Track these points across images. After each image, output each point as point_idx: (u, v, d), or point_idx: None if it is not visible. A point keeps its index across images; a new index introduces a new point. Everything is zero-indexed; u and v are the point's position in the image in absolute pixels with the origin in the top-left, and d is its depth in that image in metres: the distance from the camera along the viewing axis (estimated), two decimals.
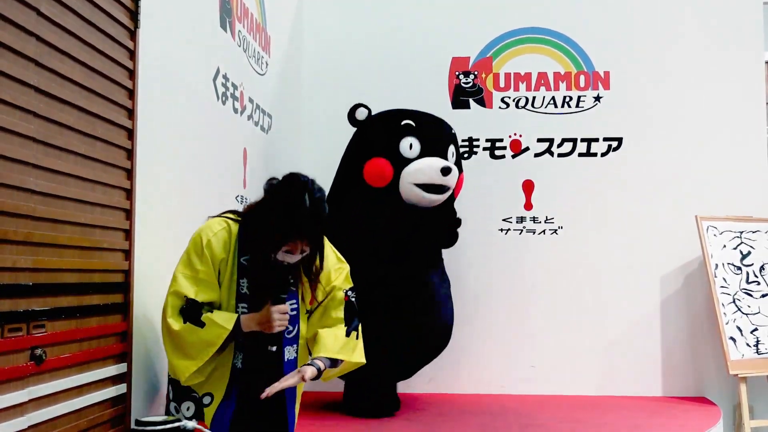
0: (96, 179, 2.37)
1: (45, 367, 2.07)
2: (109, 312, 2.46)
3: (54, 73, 2.13)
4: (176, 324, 2.40)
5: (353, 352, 2.65)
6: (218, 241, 2.46)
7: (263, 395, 2.37)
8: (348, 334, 2.64)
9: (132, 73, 2.60)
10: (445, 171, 3.82)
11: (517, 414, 4.15)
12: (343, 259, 2.74)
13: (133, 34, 2.62)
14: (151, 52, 2.71)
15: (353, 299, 2.70)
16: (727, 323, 4.48)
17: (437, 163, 3.85)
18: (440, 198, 3.91)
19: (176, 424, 2.33)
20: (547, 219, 4.92)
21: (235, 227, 2.50)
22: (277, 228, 2.38)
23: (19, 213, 1.96)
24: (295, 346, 2.59)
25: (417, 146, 3.90)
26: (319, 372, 2.50)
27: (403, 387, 4.65)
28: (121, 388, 2.52)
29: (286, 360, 2.54)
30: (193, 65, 3.18)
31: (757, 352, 4.48)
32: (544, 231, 4.93)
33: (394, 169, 3.88)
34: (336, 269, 2.67)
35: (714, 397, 4.72)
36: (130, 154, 2.60)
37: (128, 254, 2.58)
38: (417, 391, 4.42)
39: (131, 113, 2.60)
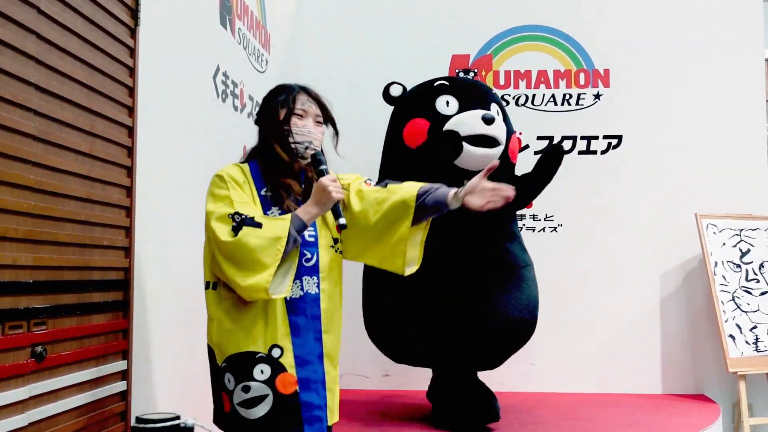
0: (96, 177, 2.37)
1: (45, 365, 2.08)
2: (109, 309, 2.46)
3: (54, 70, 2.13)
4: (232, 237, 2.21)
5: None
6: (236, 172, 2.38)
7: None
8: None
9: (132, 71, 2.61)
10: (488, 119, 3.49)
11: (517, 411, 4.15)
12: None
13: (133, 32, 2.62)
14: (151, 49, 2.71)
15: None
16: (726, 321, 4.49)
17: (477, 111, 3.54)
18: (490, 153, 3.51)
19: (177, 422, 2.34)
20: (546, 216, 4.93)
21: (245, 167, 2.43)
22: (279, 96, 2.48)
23: (19, 210, 1.96)
24: (315, 278, 2.37)
25: (454, 103, 3.62)
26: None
27: (403, 384, 4.67)
28: (122, 386, 2.53)
29: (305, 293, 2.36)
30: (193, 63, 3.18)
31: (756, 349, 4.49)
32: (543, 228, 4.93)
33: (431, 126, 3.61)
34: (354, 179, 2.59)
35: (713, 394, 4.72)
36: (131, 151, 2.60)
37: (128, 251, 2.58)
38: (416, 389, 4.42)
39: (131, 111, 2.60)
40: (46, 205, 2.09)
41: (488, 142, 3.51)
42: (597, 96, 4.97)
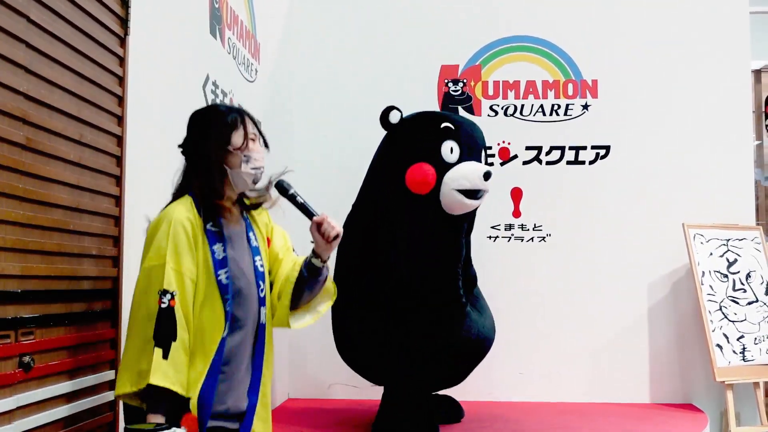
0: (85, 186, 2.37)
1: (33, 375, 2.07)
2: (98, 319, 2.45)
3: (44, 79, 2.13)
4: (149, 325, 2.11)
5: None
6: (187, 223, 2.23)
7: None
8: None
9: (122, 80, 2.61)
10: (487, 176, 3.57)
11: (505, 421, 4.15)
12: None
13: (123, 41, 2.62)
14: (140, 58, 2.71)
15: None
16: (713, 330, 4.50)
17: (480, 168, 3.60)
18: (478, 204, 3.66)
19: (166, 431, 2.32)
20: (535, 226, 4.94)
21: (189, 202, 2.29)
22: (225, 118, 2.32)
23: (7, 219, 1.96)
24: (263, 308, 2.39)
25: (457, 150, 3.63)
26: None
27: None
28: (110, 396, 2.51)
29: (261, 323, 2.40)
30: (183, 72, 3.18)
31: (743, 359, 4.51)
32: (532, 238, 4.94)
33: (437, 175, 3.59)
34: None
35: (701, 403, 4.74)
36: (120, 160, 2.60)
37: (117, 261, 2.57)
38: None
39: (121, 120, 2.60)
40: (34, 214, 2.08)
41: (480, 195, 3.61)
42: (585, 106, 4.99)
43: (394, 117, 3.77)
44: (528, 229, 4.94)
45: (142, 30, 2.72)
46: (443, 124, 3.69)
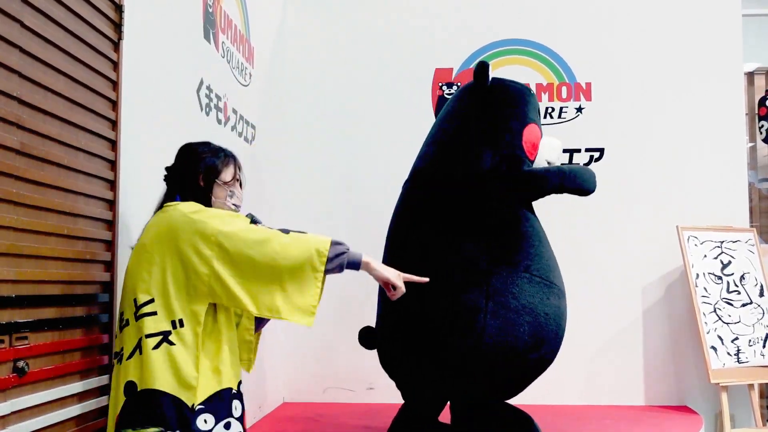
0: (79, 190, 2.36)
1: (27, 379, 2.06)
2: (91, 324, 2.45)
3: (37, 84, 2.13)
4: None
5: None
6: None
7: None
8: None
9: (115, 85, 2.61)
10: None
11: None
12: None
13: (116, 46, 2.62)
14: (134, 63, 2.71)
15: None
16: (708, 332, 4.51)
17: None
18: None
19: None
20: None
21: None
22: (218, 154, 2.51)
23: (1, 224, 1.96)
24: None
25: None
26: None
27: (387, 397, 4.66)
28: (104, 401, 2.51)
29: None
30: (177, 76, 3.18)
31: (737, 361, 4.52)
32: None
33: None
34: None
35: (696, 405, 4.75)
36: (113, 165, 2.59)
37: (111, 266, 2.57)
38: (401, 402, 4.42)
39: (114, 124, 2.60)
40: (28, 219, 2.08)
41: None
42: (579, 109, 5.00)
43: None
44: None
45: (136, 34, 2.72)
46: (528, 89, 3.58)
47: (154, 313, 2.25)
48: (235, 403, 2.34)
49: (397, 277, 2.52)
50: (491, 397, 3.51)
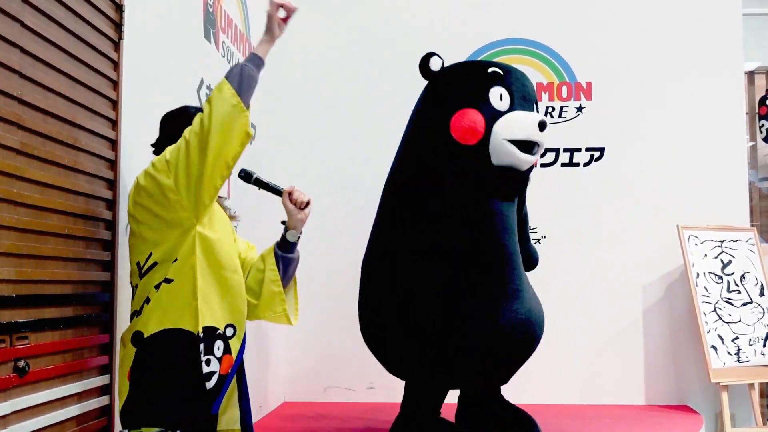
0: (79, 190, 2.37)
1: (28, 379, 2.06)
2: (92, 324, 2.45)
3: (38, 84, 2.13)
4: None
5: None
6: None
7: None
8: None
9: (116, 84, 2.61)
10: (542, 125, 3.18)
11: None
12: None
13: (117, 45, 2.62)
14: (134, 63, 2.71)
15: None
16: (708, 332, 4.51)
17: (535, 116, 3.22)
18: (532, 160, 3.25)
19: None
20: (530, 229, 4.94)
21: None
22: (184, 126, 2.42)
23: (2, 224, 1.96)
24: None
25: (507, 97, 3.24)
26: None
27: (388, 397, 4.66)
28: (104, 400, 2.51)
29: None
30: (177, 76, 3.18)
31: (738, 360, 4.52)
32: None
33: (486, 122, 3.18)
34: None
35: (696, 405, 4.75)
36: (114, 164, 2.60)
37: (111, 266, 2.57)
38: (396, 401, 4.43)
39: (115, 124, 2.60)
40: (29, 219, 2.08)
41: (534, 148, 3.23)
42: (579, 109, 5.00)
43: (435, 64, 3.48)
44: None
45: (137, 34, 2.72)
46: (490, 69, 3.32)
47: (155, 264, 2.31)
48: (219, 343, 2.33)
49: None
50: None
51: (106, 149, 2.54)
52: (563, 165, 4.97)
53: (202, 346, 2.28)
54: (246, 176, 2.70)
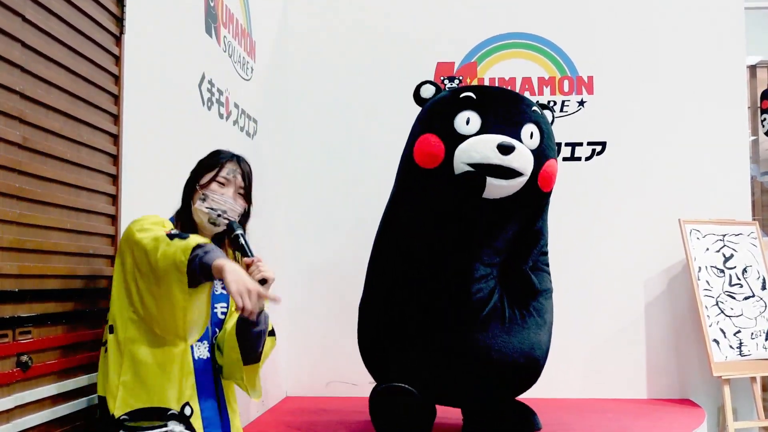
0: (81, 185, 2.37)
1: (31, 374, 2.07)
2: (95, 318, 2.45)
3: (39, 78, 2.13)
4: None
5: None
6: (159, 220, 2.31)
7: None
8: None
9: (117, 79, 2.60)
10: (504, 149, 3.02)
11: None
12: None
13: (118, 40, 2.62)
14: (136, 57, 2.71)
15: None
16: (710, 325, 4.51)
17: (494, 138, 3.07)
18: (505, 185, 3.09)
19: (164, 430, 2.32)
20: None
21: (167, 221, 2.35)
22: (210, 159, 2.44)
23: (4, 219, 1.96)
24: (206, 343, 2.39)
25: (477, 121, 3.15)
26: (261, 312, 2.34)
27: None
28: None
29: (195, 357, 2.33)
30: (179, 71, 3.18)
31: (740, 354, 4.52)
32: None
33: (445, 147, 3.14)
34: None
35: (698, 399, 4.75)
36: (116, 159, 2.60)
37: (113, 260, 2.57)
38: None
39: (117, 119, 2.60)
40: (31, 214, 2.08)
41: (504, 173, 3.08)
42: (581, 103, 5.00)
43: (426, 92, 3.43)
44: None
45: (138, 29, 2.72)
46: (463, 94, 3.25)
47: (106, 321, 2.28)
48: (172, 424, 2.21)
49: (244, 292, 2.04)
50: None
51: (107, 144, 2.54)
52: (565, 159, 4.97)
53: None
54: (229, 227, 2.41)
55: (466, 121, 3.17)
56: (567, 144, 4.97)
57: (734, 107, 4.97)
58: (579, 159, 4.97)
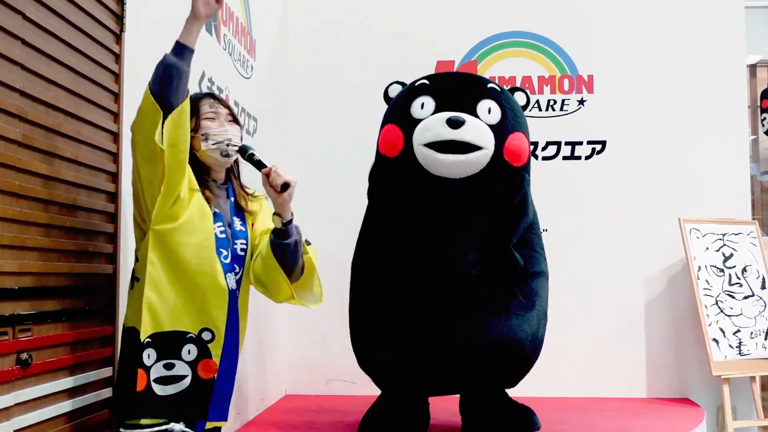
0: (82, 183, 2.37)
1: (31, 372, 2.07)
2: (94, 316, 2.46)
3: (40, 76, 2.13)
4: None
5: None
6: None
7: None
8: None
9: (118, 77, 2.61)
10: (453, 123, 3.03)
11: None
12: None
13: (119, 38, 2.62)
14: (136, 55, 2.71)
15: None
16: (710, 325, 4.52)
17: (444, 115, 3.08)
18: (463, 159, 3.07)
19: (164, 427, 2.33)
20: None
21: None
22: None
23: (4, 217, 1.96)
24: (232, 275, 2.47)
25: (430, 104, 3.18)
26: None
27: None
28: (107, 393, 2.52)
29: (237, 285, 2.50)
30: None
31: (739, 353, 4.52)
32: None
33: (404, 134, 3.17)
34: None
35: (697, 398, 4.75)
36: (116, 157, 2.60)
37: (113, 258, 2.58)
38: None
39: (117, 117, 2.60)
40: (31, 212, 2.08)
41: (459, 147, 3.07)
42: (581, 102, 5.00)
43: (394, 91, 3.51)
44: None
45: (138, 27, 2.72)
46: (419, 82, 3.32)
47: (136, 260, 2.38)
48: (189, 346, 2.34)
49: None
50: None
51: (108, 142, 2.54)
52: (565, 158, 4.97)
53: (150, 352, 2.29)
54: (242, 150, 2.58)
55: (421, 105, 3.21)
56: (567, 143, 4.97)
57: (734, 106, 4.96)
58: (579, 158, 4.97)
